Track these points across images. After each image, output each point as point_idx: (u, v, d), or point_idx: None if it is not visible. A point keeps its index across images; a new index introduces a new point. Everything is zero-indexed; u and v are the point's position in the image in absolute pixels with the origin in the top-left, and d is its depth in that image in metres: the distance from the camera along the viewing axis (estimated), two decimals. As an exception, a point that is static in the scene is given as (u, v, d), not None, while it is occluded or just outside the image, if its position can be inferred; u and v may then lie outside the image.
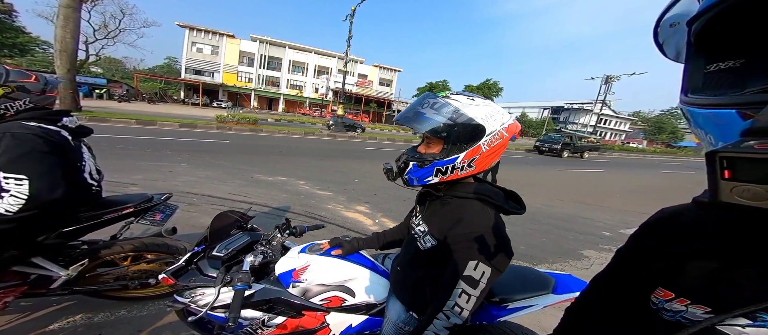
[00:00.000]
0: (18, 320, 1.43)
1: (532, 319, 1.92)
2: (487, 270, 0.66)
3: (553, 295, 0.95)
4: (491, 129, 0.70)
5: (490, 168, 0.72)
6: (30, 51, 24.31)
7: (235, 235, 1.13)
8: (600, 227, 4.15)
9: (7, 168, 1.01)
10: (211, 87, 33.36)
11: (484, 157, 0.72)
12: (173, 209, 1.65)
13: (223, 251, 1.01)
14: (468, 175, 0.74)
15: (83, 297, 1.52)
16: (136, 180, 3.82)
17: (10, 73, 1.10)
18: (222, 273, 0.94)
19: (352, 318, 0.98)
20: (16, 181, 1.02)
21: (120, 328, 1.46)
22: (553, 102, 54.22)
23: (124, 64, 47.85)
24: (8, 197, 1.02)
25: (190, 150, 6.31)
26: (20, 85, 1.11)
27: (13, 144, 1.03)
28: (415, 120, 0.71)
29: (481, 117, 0.69)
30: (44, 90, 1.19)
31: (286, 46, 37.81)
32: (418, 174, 0.75)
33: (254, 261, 0.98)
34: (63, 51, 8.77)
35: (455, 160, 0.71)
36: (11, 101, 1.08)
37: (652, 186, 8.67)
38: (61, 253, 1.38)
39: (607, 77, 23.78)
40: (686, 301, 0.35)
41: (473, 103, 0.71)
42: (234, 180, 4.40)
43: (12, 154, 1.02)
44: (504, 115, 0.73)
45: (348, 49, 15.29)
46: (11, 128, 1.06)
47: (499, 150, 0.74)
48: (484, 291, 0.68)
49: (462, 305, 0.68)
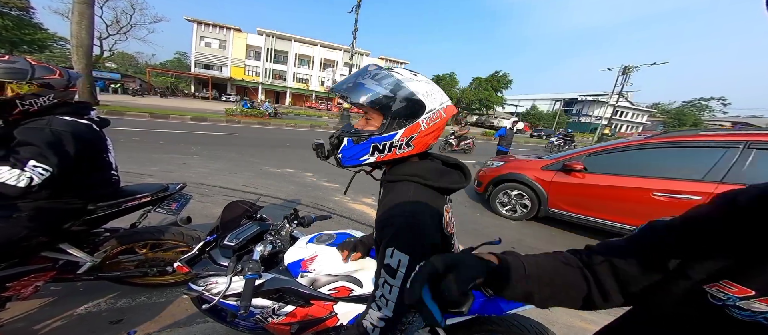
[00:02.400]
0: (49, 303, 1.54)
1: (542, 313, 1.93)
2: (403, 258, 0.61)
3: None
4: (431, 106, 0.67)
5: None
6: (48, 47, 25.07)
7: (246, 225, 1.16)
8: (611, 222, 4.06)
9: (38, 159, 1.06)
10: (219, 81, 33.77)
11: (422, 135, 0.69)
12: (188, 199, 1.71)
13: (234, 241, 1.04)
14: (407, 155, 0.70)
15: (107, 284, 1.61)
16: (152, 171, 3.96)
17: (36, 69, 1.12)
18: (233, 262, 0.97)
19: (360, 307, 0.99)
20: (43, 170, 1.06)
21: (140, 313, 1.55)
22: (565, 94, 52.44)
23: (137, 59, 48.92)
24: (24, 177, 1.02)
25: (201, 142, 6.46)
26: (46, 82, 1.13)
27: (51, 138, 1.09)
28: (354, 90, 0.66)
29: (422, 93, 0.66)
30: (67, 85, 1.22)
31: (292, 40, 37.69)
32: (353, 151, 0.71)
33: (264, 251, 1.00)
34: (79, 46, 9.00)
35: (394, 135, 0.67)
36: (36, 97, 1.12)
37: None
38: (85, 240, 1.46)
39: (625, 67, 22.72)
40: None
41: (415, 79, 0.68)
42: (244, 172, 4.49)
43: (46, 148, 1.07)
44: (443, 96, 0.71)
45: (354, 41, 15.10)
46: (53, 124, 1.11)
47: (437, 131, 0.71)
48: (406, 281, 0.64)
49: (387, 296, 0.63)
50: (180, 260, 1.01)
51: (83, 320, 1.47)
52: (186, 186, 1.75)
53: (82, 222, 1.35)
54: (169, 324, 1.49)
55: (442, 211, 0.68)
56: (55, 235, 1.30)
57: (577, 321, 1.89)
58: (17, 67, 1.07)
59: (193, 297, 1.08)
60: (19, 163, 1.02)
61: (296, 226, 1.21)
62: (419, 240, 0.63)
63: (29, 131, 1.09)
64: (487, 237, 2.74)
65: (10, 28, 20.30)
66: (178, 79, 35.30)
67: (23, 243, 1.18)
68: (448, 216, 0.70)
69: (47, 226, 1.23)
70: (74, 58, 8.93)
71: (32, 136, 1.08)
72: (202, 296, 1.05)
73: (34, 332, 1.36)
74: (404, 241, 0.62)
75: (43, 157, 1.06)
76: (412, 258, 0.61)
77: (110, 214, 1.43)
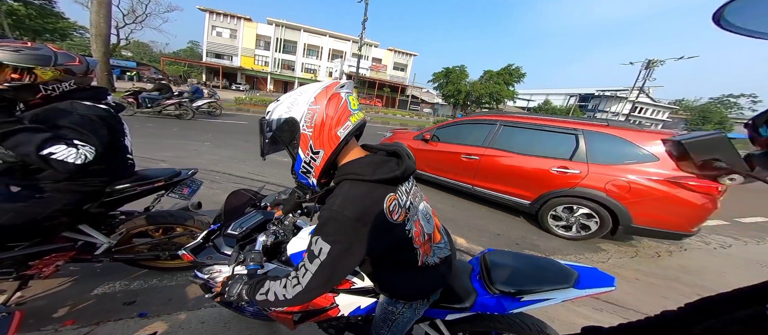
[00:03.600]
0: (68, 283, 1.61)
1: (542, 310, 1.90)
2: (325, 247, 0.65)
3: (574, 290, 0.90)
4: (299, 113, 0.72)
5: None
6: (69, 35, 25.85)
7: (250, 214, 1.16)
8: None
9: (83, 138, 1.13)
10: (230, 70, 34.13)
11: (317, 137, 0.72)
12: (199, 184, 1.74)
13: (237, 230, 1.04)
14: (328, 158, 0.74)
15: (121, 266, 1.67)
16: (165, 157, 4.06)
17: (58, 56, 1.14)
18: (236, 251, 0.97)
19: (361, 299, 1.00)
20: (89, 149, 1.13)
21: (152, 296, 1.60)
22: (581, 89, 50.49)
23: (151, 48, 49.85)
24: (80, 155, 1.09)
25: (212, 130, 6.59)
26: (68, 68, 1.17)
27: (82, 121, 1.15)
28: (262, 145, 0.81)
29: (284, 111, 0.73)
30: (86, 72, 1.25)
31: (301, 29, 37.48)
32: (305, 180, 0.80)
33: (266, 241, 1.00)
34: (98, 35, 9.23)
35: (300, 158, 0.75)
36: (59, 83, 1.16)
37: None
38: (102, 222, 1.51)
39: (648, 61, 21.55)
40: None
41: (277, 104, 0.76)
42: (252, 159, 4.56)
43: (83, 129, 1.14)
44: (308, 92, 0.73)
45: (363, 32, 14.88)
46: (77, 108, 1.16)
47: (336, 120, 0.72)
48: (326, 268, 0.66)
49: (300, 278, 0.70)
50: (185, 248, 1.02)
51: (99, 300, 1.53)
52: (197, 171, 1.77)
53: (100, 204, 1.40)
54: (179, 308, 1.54)
55: (381, 202, 0.69)
56: (75, 216, 1.35)
57: (578, 318, 1.85)
58: (42, 54, 1.10)
59: (200, 283, 1.11)
60: (70, 142, 1.08)
61: (299, 216, 1.20)
62: (342, 233, 0.65)
63: (59, 113, 1.13)
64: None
65: (33, 17, 20.99)
66: (190, 67, 35.86)
67: (45, 223, 1.22)
68: (391, 204, 0.70)
69: (68, 207, 1.28)
70: (93, 46, 9.17)
71: (66, 118, 1.12)
72: (207, 283, 1.06)
73: (54, 309, 1.43)
74: (326, 232, 0.66)
75: (86, 136, 1.13)
76: (333, 248, 0.65)
77: (125, 197, 1.46)
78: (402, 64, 41.80)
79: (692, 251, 3.20)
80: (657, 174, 2.56)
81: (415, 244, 0.77)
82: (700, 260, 2.99)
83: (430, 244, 0.83)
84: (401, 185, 0.76)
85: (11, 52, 1.03)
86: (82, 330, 1.33)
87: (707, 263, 2.94)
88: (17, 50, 1.05)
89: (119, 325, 1.39)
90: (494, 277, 0.94)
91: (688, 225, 2.59)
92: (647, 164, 2.61)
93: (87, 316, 1.42)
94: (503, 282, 0.92)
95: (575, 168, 2.86)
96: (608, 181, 2.72)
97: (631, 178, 2.63)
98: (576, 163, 2.88)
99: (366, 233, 0.67)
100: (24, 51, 1.06)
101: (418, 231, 0.79)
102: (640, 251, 3.04)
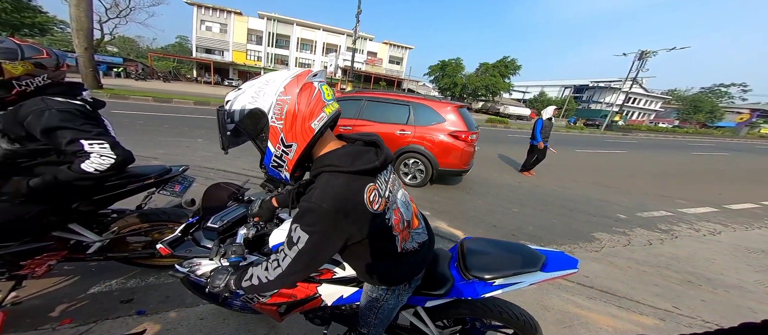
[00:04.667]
0: (64, 282, 1.59)
1: (537, 298, 1.94)
2: (303, 236, 0.66)
3: (541, 273, 0.94)
4: (266, 104, 0.67)
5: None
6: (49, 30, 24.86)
7: (231, 207, 1.15)
8: (615, 209, 4.01)
9: (84, 136, 1.13)
10: (221, 65, 33.37)
11: (289, 130, 0.68)
12: (191, 180, 1.71)
13: (218, 222, 1.02)
14: (302, 152, 0.70)
15: (118, 265, 1.65)
16: (157, 154, 3.99)
17: (24, 49, 1.09)
18: (216, 245, 0.94)
19: (344, 289, 1.01)
20: (100, 145, 1.14)
21: (149, 293, 1.59)
22: (576, 80, 50.69)
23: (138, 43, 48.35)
24: (96, 158, 1.14)
25: (205, 126, 6.47)
26: (37, 62, 1.11)
27: (70, 114, 1.12)
28: (223, 138, 0.74)
29: (248, 102, 0.68)
30: (58, 65, 1.20)
31: (293, 23, 36.65)
32: (276, 174, 0.77)
33: (248, 233, 0.99)
34: (79, 29, 8.91)
35: (269, 151, 0.71)
36: (31, 77, 1.10)
37: (678, 168, 8.16)
38: (94, 221, 1.48)
39: (641, 53, 21.67)
40: None
41: (239, 93, 0.70)
42: (246, 156, 4.50)
43: (78, 124, 1.13)
44: (276, 82, 0.69)
45: (357, 25, 14.61)
46: (50, 105, 1.09)
47: (309, 112, 0.68)
48: (304, 256, 0.67)
49: (280, 262, 0.71)
50: (162, 242, 0.99)
51: (96, 299, 1.52)
52: (188, 168, 1.74)
53: (90, 203, 1.37)
54: (177, 304, 1.54)
55: (361, 193, 0.68)
56: (64, 215, 1.32)
57: (572, 307, 1.90)
58: (6, 47, 1.05)
59: (181, 277, 1.08)
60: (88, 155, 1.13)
61: (281, 208, 1.18)
62: (321, 224, 0.65)
63: (57, 114, 1.09)
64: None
65: (9, 12, 20.05)
66: (180, 63, 34.98)
67: (34, 222, 1.20)
68: (371, 195, 0.70)
69: (56, 205, 1.25)
70: (75, 41, 8.85)
71: (56, 119, 1.09)
72: (188, 278, 1.04)
73: (50, 309, 1.42)
74: (305, 222, 0.66)
75: (83, 132, 1.14)
76: (311, 238, 0.66)
77: (116, 195, 1.43)
78: (397, 57, 41.32)
79: (683, 238, 3.28)
80: (445, 130, 3.80)
81: (394, 232, 0.77)
82: (691, 247, 3.07)
83: (409, 230, 0.84)
84: (380, 175, 0.76)
85: None
86: (80, 329, 1.32)
87: (697, 250, 3.02)
88: None
89: (117, 323, 1.39)
90: (469, 264, 0.96)
91: (464, 164, 3.89)
92: (441, 124, 3.83)
93: (84, 315, 1.40)
94: (477, 268, 0.95)
95: (408, 131, 3.92)
96: (424, 138, 3.85)
97: (435, 135, 3.81)
98: (409, 126, 3.93)
99: (345, 224, 0.67)
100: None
101: (398, 219, 0.79)
102: (632, 240, 3.11)
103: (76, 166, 1.13)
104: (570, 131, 18.86)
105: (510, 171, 5.70)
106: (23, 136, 1.10)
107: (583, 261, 2.53)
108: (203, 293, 1.07)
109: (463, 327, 1.18)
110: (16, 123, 1.08)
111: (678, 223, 3.71)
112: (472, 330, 1.18)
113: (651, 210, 4.12)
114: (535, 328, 1.04)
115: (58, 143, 1.11)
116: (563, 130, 17.98)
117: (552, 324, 1.73)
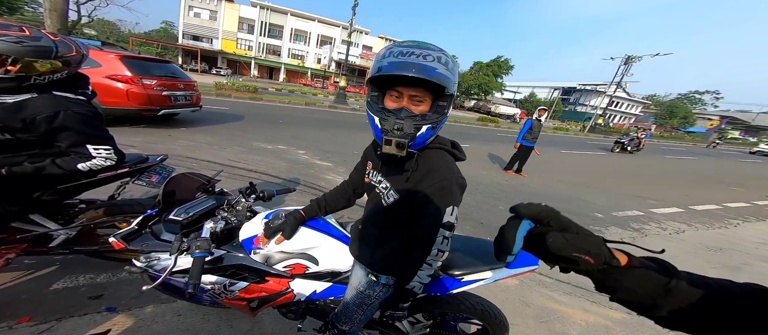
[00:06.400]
0: (21, 278, 1.47)
1: (519, 293, 1.98)
2: (456, 212, 0.72)
3: (507, 269, 0.98)
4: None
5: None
6: (19, 9, 23.14)
7: (200, 199, 1.09)
8: (593, 208, 4.15)
9: (93, 141, 1.14)
10: (209, 54, 32.16)
11: None
12: (170, 171, 1.62)
13: (182, 215, 0.97)
14: None
15: (85, 258, 1.54)
16: (135, 142, 3.79)
17: (59, 46, 1.04)
18: (179, 239, 0.86)
19: (316, 284, 0.99)
20: (106, 151, 1.18)
21: (122, 289, 1.50)
22: (564, 82, 52.03)
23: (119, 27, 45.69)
24: (99, 161, 1.17)
25: (189, 115, 6.20)
26: (66, 60, 1.07)
27: (82, 121, 1.10)
28: (428, 73, 0.60)
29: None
30: (81, 61, 1.14)
31: (287, 13, 35.61)
32: (425, 135, 0.69)
33: (215, 227, 0.94)
34: (53, 10, 8.25)
35: (447, 116, 0.72)
36: (52, 73, 1.05)
37: (654, 170, 8.55)
38: (59, 212, 1.38)
39: (627, 57, 22.41)
40: None
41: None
42: (233, 146, 4.36)
43: (88, 131, 1.13)
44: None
45: (353, 17, 14.33)
46: (65, 106, 1.06)
47: None
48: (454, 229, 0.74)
49: (444, 249, 0.74)
50: (115, 235, 0.94)
51: (60, 295, 1.42)
52: (167, 157, 1.65)
53: (54, 192, 1.26)
54: (152, 300, 1.45)
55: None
56: (24, 205, 1.22)
57: (550, 303, 1.95)
58: (43, 45, 1.00)
59: (139, 272, 1.01)
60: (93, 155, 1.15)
61: (254, 200, 1.12)
62: (461, 197, 0.74)
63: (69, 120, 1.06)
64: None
65: (-25, -14, 18.47)
66: (164, 49, 33.33)
67: None
68: None
69: (15, 195, 1.15)
70: (47, 22, 8.19)
71: (71, 121, 1.07)
72: (148, 273, 0.98)
73: (5, 306, 1.31)
74: (458, 198, 0.73)
75: (94, 138, 1.17)
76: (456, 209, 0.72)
77: (83, 184, 1.34)
78: (391, 52, 41.00)
79: (652, 237, 3.44)
80: (102, 73, 4.18)
81: None
82: (658, 245, 3.18)
83: None
84: None
85: (12, 43, 0.94)
86: (41, 327, 1.23)
87: (664, 247, 3.15)
88: (19, 41, 0.95)
89: (84, 320, 1.30)
90: None
91: (134, 103, 4.35)
92: (98, 68, 4.18)
93: (45, 312, 1.31)
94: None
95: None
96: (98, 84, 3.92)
97: (98, 80, 4.08)
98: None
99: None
100: (26, 42, 0.96)
101: None
102: (606, 237, 3.22)
103: (71, 164, 1.12)
104: (556, 132, 19.38)
105: (498, 170, 5.80)
106: (17, 128, 1.03)
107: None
108: (166, 288, 1.01)
109: (434, 321, 1.19)
110: (16, 116, 1.00)
111: (648, 222, 3.88)
112: (443, 323, 1.20)
113: (626, 209, 4.28)
114: (502, 321, 1.07)
115: (61, 141, 1.08)
116: (550, 131, 18.44)
117: (531, 318, 1.77)
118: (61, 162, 1.12)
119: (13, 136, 1.05)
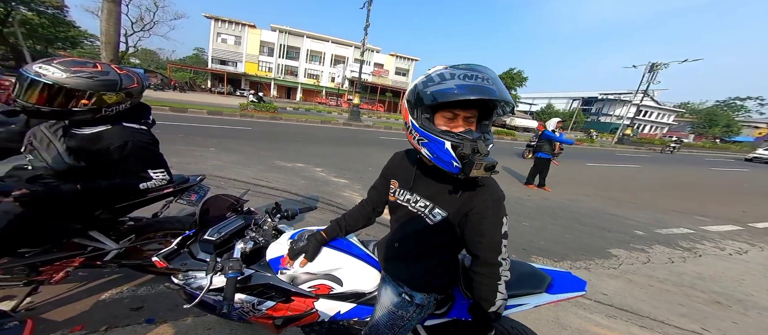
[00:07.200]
0: (77, 288, 1.61)
1: (553, 314, 1.85)
2: (506, 220, 0.75)
3: (547, 295, 0.90)
4: None
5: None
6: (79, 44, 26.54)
7: (230, 219, 1.15)
8: (631, 225, 3.85)
9: (152, 165, 1.29)
10: (234, 76, 34.63)
11: None
12: (206, 190, 1.74)
13: (215, 235, 1.02)
14: None
15: (129, 271, 1.67)
16: (172, 163, 4.04)
17: (123, 79, 1.15)
18: (213, 259, 0.92)
19: (341, 305, 0.99)
20: (162, 174, 1.32)
21: (160, 301, 1.60)
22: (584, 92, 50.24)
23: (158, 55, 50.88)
24: (156, 181, 1.31)
25: (217, 136, 6.65)
26: (129, 91, 1.17)
27: (145, 149, 1.25)
28: (503, 95, 0.63)
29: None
30: (142, 92, 1.27)
31: (303, 35, 38.01)
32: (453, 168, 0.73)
33: (245, 247, 0.98)
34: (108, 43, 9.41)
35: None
36: (118, 105, 1.16)
37: (696, 183, 7.84)
38: (112, 228, 1.52)
39: (652, 65, 21.39)
40: None
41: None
42: (256, 165, 4.59)
43: (149, 157, 1.28)
44: None
45: (365, 37, 15.02)
46: (132, 136, 1.19)
47: None
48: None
49: (507, 259, 0.76)
50: (157, 255, 0.99)
51: (106, 305, 1.53)
52: (205, 177, 1.79)
53: (111, 211, 1.41)
54: (186, 313, 1.53)
55: None
56: (86, 222, 1.36)
57: (591, 326, 1.81)
58: (110, 79, 1.11)
59: (176, 290, 1.07)
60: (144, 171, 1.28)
61: (279, 220, 1.17)
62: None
63: (136, 148, 1.20)
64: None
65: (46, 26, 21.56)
66: (195, 74, 36.52)
67: (58, 228, 1.24)
68: None
69: (81, 213, 1.29)
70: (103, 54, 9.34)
71: (137, 149, 1.21)
72: (185, 290, 1.04)
73: (62, 314, 1.44)
74: (505, 211, 0.76)
75: (153, 163, 1.32)
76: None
77: (135, 204, 1.47)
78: (404, 68, 42.05)
79: (707, 257, 3.12)
80: None
81: None
82: (716, 266, 2.91)
83: None
84: None
85: (86, 79, 1.05)
86: (91, 336, 1.33)
87: (723, 269, 2.86)
88: (91, 76, 1.06)
89: (127, 331, 1.39)
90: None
91: None
92: None
93: (96, 322, 1.41)
94: None
95: None
96: None
97: None
98: None
99: None
100: (97, 77, 1.07)
101: None
102: (652, 257, 2.98)
103: (133, 183, 1.24)
104: (580, 144, 18.52)
105: (517, 185, 5.61)
106: (92, 156, 1.16)
107: (600, 278, 2.42)
108: (200, 305, 1.05)
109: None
110: (93, 146, 1.14)
111: (701, 241, 3.54)
112: None
113: (670, 226, 3.95)
114: None
115: (128, 167, 1.21)
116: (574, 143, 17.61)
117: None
118: (126, 183, 1.24)
119: (87, 164, 1.18)
